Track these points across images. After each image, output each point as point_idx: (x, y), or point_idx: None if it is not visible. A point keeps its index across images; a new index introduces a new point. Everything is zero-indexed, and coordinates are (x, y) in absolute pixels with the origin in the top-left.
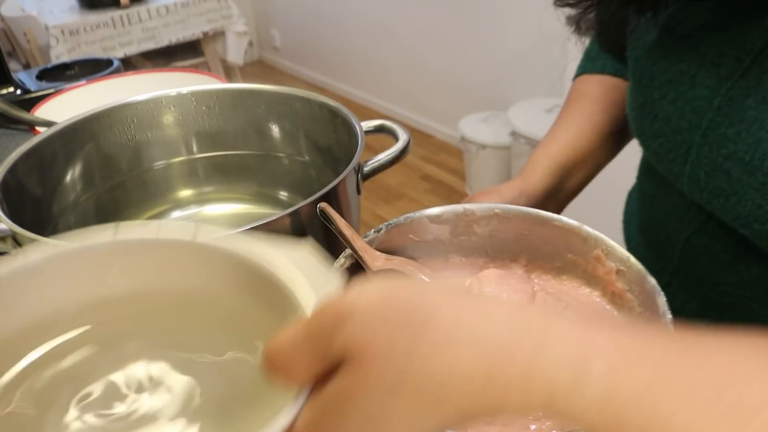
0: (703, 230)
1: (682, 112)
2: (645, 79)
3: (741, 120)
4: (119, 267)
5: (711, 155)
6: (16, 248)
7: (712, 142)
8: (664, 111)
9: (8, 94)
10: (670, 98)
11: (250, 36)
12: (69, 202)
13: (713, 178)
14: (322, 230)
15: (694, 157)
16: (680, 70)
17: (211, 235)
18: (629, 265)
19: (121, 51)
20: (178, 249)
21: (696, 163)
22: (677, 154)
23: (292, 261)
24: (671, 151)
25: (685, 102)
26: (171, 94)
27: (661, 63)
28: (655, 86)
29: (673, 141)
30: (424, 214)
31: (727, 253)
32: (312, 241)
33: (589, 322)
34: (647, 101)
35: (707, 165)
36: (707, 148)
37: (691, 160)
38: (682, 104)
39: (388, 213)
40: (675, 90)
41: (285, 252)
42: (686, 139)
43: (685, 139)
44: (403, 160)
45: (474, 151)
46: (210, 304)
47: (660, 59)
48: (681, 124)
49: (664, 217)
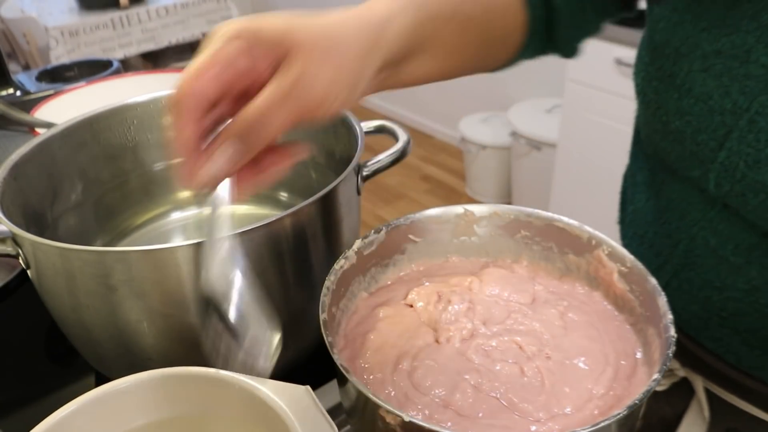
0: (711, 229)
1: (727, 90)
2: (680, 45)
3: None
4: (161, 396)
5: (757, 145)
6: (16, 249)
7: (761, 129)
8: (703, 86)
9: (8, 96)
10: (714, 72)
11: None
12: (69, 203)
13: (755, 171)
14: (322, 229)
15: (734, 144)
16: (733, 42)
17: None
18: (630, 265)
19: (121, 52)
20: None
21: (735, 151)
22: (710, 137)
23: (290, 402)
24: (702, 132)
25: (732, 79)
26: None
27: (711, 31)
28: (696, 56)
29: (708, 122)
30: (424, 214)
31: (740, 255)
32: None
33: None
34: (680, 71)
35: (750, 155)
36: (753, 136)
37: (729, 147)
38: (729, 81)
39: (388, 213)
40: (722, 64)
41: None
42: (726, 122)
43: (724, 121)
44: (403, 160)
45: (474, 151)
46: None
47: (710, 27)
48: (723, 104)
49: (664, 210)
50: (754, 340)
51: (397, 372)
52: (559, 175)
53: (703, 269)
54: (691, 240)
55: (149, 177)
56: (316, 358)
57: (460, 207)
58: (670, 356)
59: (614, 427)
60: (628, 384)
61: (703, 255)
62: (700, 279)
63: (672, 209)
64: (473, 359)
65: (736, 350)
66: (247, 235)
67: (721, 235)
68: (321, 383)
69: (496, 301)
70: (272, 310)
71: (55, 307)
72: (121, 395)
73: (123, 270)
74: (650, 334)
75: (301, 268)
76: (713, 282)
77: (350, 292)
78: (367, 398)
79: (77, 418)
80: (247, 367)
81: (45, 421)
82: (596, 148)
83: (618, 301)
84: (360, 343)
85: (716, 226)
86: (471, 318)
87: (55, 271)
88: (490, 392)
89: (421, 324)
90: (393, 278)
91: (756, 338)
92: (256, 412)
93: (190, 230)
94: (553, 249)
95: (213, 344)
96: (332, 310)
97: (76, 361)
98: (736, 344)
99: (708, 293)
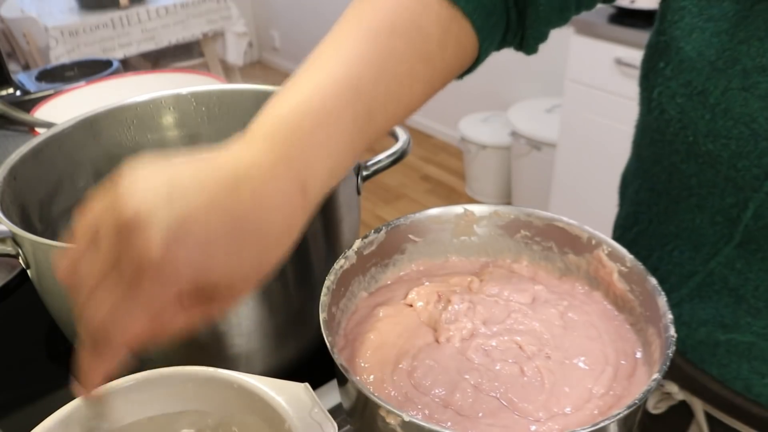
0: (730, 266)
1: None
2: (716, 59)
3: None
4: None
5: None
6: (16, 249)
7: None
8: (744, 106)
9: (8, 96)
10: (759, 92)
11: (250, 37)
12: (69, 203)
13: None
14: (322, 229)
15: None
16: None
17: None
18: (630, 265)
19: (121, 52)
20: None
21: None
22: (753, 164)
23: (289, 399)
24: (743, 158)
25: None
26: (170, 95)
27: (752, 44)
28: (735, 72)
29: (752, 147)
30: (424, 214)
31: (761, 299)
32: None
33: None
34: (714, 89)
35: None
36: None
37: None
38: None
39: (388, 213)
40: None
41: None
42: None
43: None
44: (403, 160)
45: (474, 151)
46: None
47: (751, 38)
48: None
49: (674, 237)
50: (766, 369)
51: (397, 372)
52: (559, 175)
53: (717, 305)
54: (708, 275)
55: None
56: (316, 358)
57: (460, 207)
58: (670, 356)
59: (614, 427)
60: (628, 384)
61: (720, 292)
62: (708, 315)
63: (682, 238)
64: (473, 359)
65: (745, 377)
66: None
67: (740, 274)
68: (321, 383)
69: (496, 301)
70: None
71: (55, 308)
72: (121, 395)
73: None
74: (650, 333)
75: (301, 267)
76: (725, 320)
77: (350, 291)
78: (367, 398)
79: (77, 418)
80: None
81: (46, 421)
82: (596, 148)
83: (618, 301)
84: (360, 342)
85: (735, 263)
86: (471, 318)
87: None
88: (490, 392)
89: (421, 324)
90: (393, 278)
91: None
92: (255, 409)
93: None
94: (553, 249)
95: None
96: (332, 310)
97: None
98: (745, 372)
99: (713, 329)
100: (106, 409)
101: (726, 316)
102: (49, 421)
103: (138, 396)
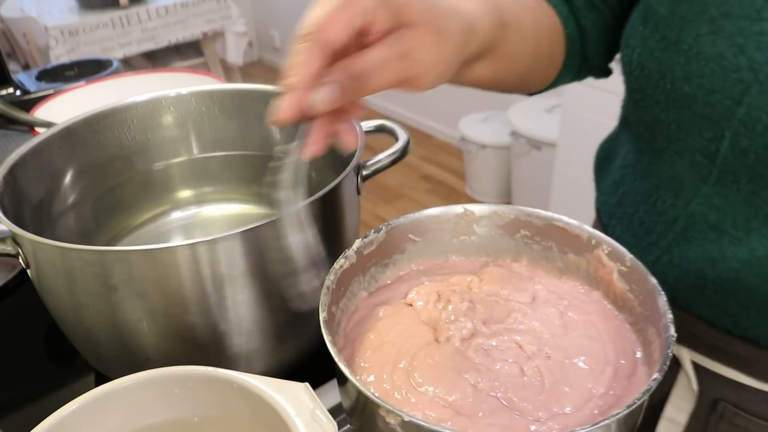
0: (708, 205)
1: (741, 48)
2: (686, 12)
3: None
4: (156, 398)
5: None
6: (16, 249)
7: None
8: (713, 47)
9: (8, 95)
10: (725, 33)
11: (250, 36)
12: (69, 203)
13: None
14: (322, 230)
15: (753, 98)
16: (741, 3)
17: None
18: (630, 265)
19: (121, 52)
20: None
21: (755, 105)
22: (725, 96)
23: (289, 399)
24: (716, 92)
25: (746, 37)
26: (170, 94)
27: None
28: (704, 20)
29: (724, 80)
30: (424, 214)
31: (740, 228)
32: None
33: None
34: (686, 37)
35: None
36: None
37: (748, 102)
38: (743, 40)
39: (388, 213)
40: (733, 24)
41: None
42: (743, 78)
43: (741, 78)
44: (403, 160)
45: (474, 151)
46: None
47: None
48: (739, 62)
49: (655, 189)
50: (750, 302)
51: (397, 371)
52: (559, 174)
53: (702, 243)
54: (689, 217)
55: (149, 177)
56: (316, 358)
57: (459, 206)
58: (670, 355)
59: (614, 427)
60: (628, 383)
61: (702, 230)
62: (696, 253)
63: (663, 188)
64: (473, 358)
65: (733, 312)
66: (247, 235)
67: (719, 210)
68: (321, 383)
69: (496, 301)
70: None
71: (55, 307)
72: (121, 395)
73: (123, 269)
74: (650, 333)
75: None
76: (711, 255)
77: (350, 291)
78: (367, 398)
79: (77, 418)
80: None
81: (45, 421)
82: (596, 148)
83: (618, 301)
84: (360, 342)
85: (712, 201)
86: (471, 317)
87: (55, 270)
88: (489, 391)
89: (420, 323)
90: (393, 277)
91: (753, 299)
92: (255, 409)
93: (190, 230)
94: (552, 248)
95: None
96: (332, 310)
97: (76, 361)
98: (732, 307)
99: (704, 266)
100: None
101: (712, 251)
102: (49, 421)
103: (138, 396)
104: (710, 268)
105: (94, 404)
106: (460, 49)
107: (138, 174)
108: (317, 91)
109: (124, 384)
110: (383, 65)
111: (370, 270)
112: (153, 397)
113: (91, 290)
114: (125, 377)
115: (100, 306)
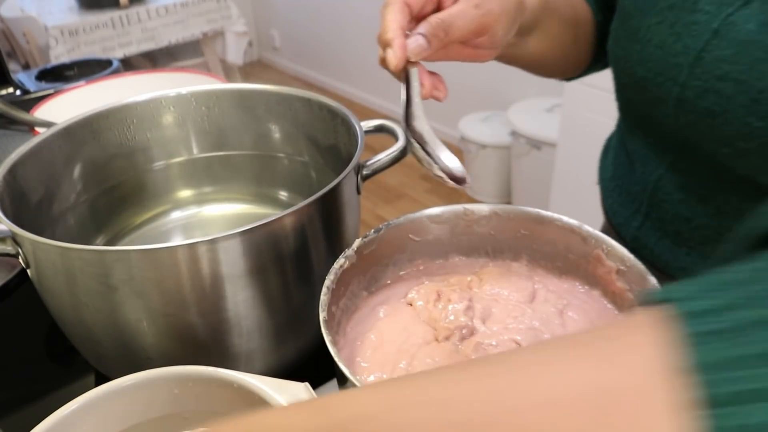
0: (674, 168)
1: (679, 36)
2: (643, 4)
3: (738, 43)
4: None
5: (703, 76)
6: (16, 249)
7: (705, 63)
8: (659, 35)
9: (8, 95)
10: (668, 23)
11: (250, 36)
12: (69, 202)
13: (703, 99)
14: (322, 229)
15: (685, 78)
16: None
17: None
18: (629, 264)
19: (121, 51)
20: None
21: (686, 85)
22: (666, 78)
23: (289, 398)
24: (660, 74)
25: (683, 26)
26: (170, 94)
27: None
28: (655, 12)
29: (665, 64)
30: (424, 214)
31: (704, 187)
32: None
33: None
34: (642, 26)
35: (698, 86)
36: (700, 69)
37: (681, 82)
38: (681, 28)
39: (388, 213)
40: (675, 15)
41: (282, 387)
42: (678, 62)
43: (677, 62)
44: (403, 159)
45: (474, 150)
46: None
47: None
48: (676, 48)
49: (633, 160)
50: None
51: (397, 371)
52: (559, 174)
53: (673, 204)
54: (658, 179)
55: (149, 176)
56: (316, 358)
57: (460, 206)
58: None
59: None
60: None
61: (672, 192)
62: (670, 214)
63: (637, 159)
64: (473, 358)
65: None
66: (247, 235)
67: (684, 172)
68: (321, 383)
69: (496, 300)
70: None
71: (55, 307)
72: (121, 395)
73: (123, 269)
74: None
75: (301, 267)
76: (683, 213)
77: (350, 291)
78: None
79: (77, 417)
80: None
81: (45, 421)
82: (596, 148)
83: (617, 300)
84: (360, 342)
85: (677, 165)
86: (470, 317)
87: (55, 270)
88: None
89: (420, 323)
90: (393, 277)
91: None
92: (255, 409)
93: (190, 230)
94: (552, 248)
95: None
96: (332, 310)
97: (76, 361)
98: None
99: (678, 225)
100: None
101: (683, 211)
102: (49, 421)
103: (138, 396)
104: (687, 225)
105: (94, 404)
106: (516, 12)
107: (138, 174)
108: (410, 42)
109: (124, 384)
110: (461, 13)
111: (370, 270)
112: (153, 397)
113: (91, 290)
114: (125, 377)
115: (100, 306)
